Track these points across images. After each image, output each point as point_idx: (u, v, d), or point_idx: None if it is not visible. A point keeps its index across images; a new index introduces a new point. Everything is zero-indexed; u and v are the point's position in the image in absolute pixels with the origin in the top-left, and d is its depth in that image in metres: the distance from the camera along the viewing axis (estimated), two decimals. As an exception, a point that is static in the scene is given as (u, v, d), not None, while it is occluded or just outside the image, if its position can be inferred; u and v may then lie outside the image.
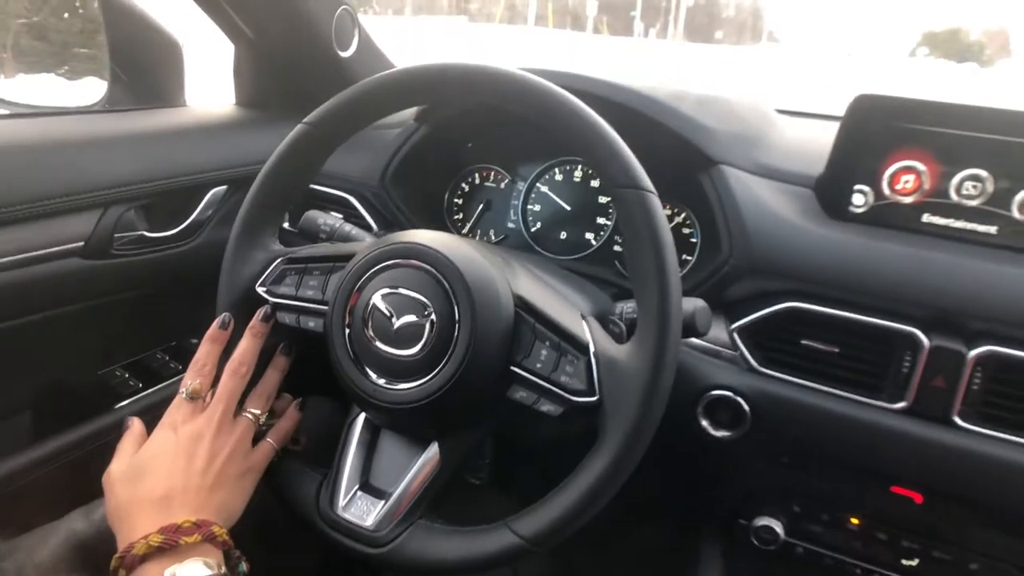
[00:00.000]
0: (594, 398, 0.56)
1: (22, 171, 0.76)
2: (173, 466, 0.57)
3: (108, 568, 0.54)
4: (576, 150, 0.59)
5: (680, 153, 0.82)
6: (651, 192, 0.56)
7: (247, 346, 0.66)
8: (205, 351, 0.65)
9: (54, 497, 0.59)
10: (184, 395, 0.62)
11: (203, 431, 0.60)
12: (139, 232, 0.87)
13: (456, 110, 0.94)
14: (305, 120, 0.68)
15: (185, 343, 1.00)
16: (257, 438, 0.65)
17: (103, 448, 0.86)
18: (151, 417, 0.90)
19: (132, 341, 0.93)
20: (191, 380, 0.62)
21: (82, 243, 0.81)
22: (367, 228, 0.95)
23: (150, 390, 0.93)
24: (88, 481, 0.61)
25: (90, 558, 0.54)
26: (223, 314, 0.67)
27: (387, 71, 0.65)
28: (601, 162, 0.57)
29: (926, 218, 0.75)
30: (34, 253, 0.76)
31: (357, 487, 0.64)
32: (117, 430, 0.86)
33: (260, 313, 0.67)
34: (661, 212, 0.56)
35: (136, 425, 0.64)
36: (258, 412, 0.65)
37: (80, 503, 0.65)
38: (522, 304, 0.59)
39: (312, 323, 0.66)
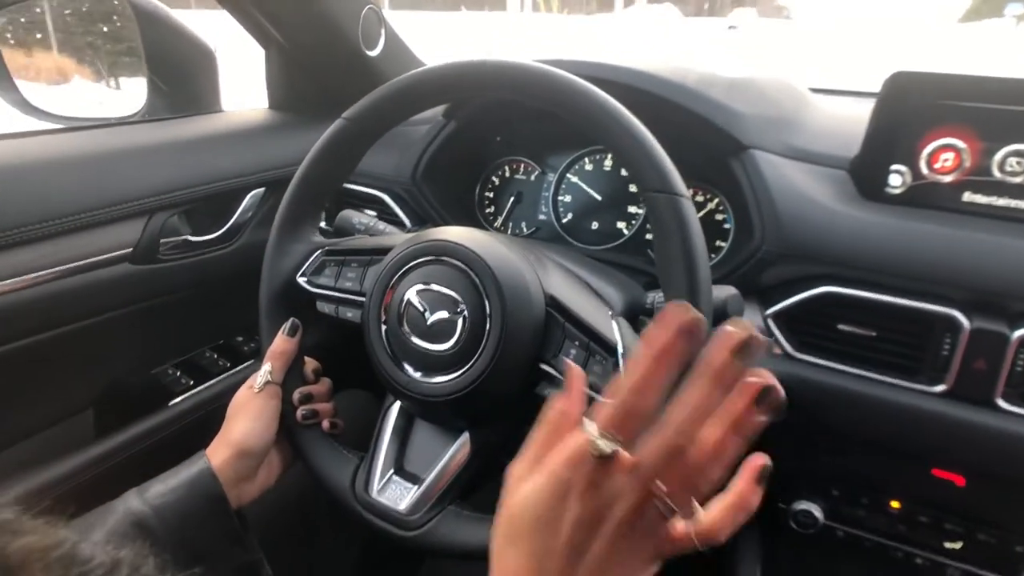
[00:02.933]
0: None
1: (70, 183, 0.80)
2: (548, 551, 0.39)
3: (163, 543, 0.57)
4: (609, 148, 0.60)
5: (710, 139, 0.81)
6: (684, 197, 0.56)
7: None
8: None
9: (115, 491, 0.63)
10: (594, 452, 0.38)
11: (602, 516, 0.38)
12: (183, 237, 0.91)
13: (484, 104, 0.94)
14: (344, 115, 0.69)
15: (232, 341, 1.04)
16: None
17: (159, 444, 0.90)
18: (202, 413, 0.96)
19: (182, 341, 0.97)
20: (609, 429, 0.38)
21: (131, 249, 0.84)
22: (401, 225, 0.97)
23: (201, 387, 0.97)
24: (144, 474, 0.64)
25: (146, 534, 0.57)
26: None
27: (424, 68, 0.66)
28: (633, 163, 0.58)
29: (967, 197, 0.73)
30: (86, 261, 0.79)
31: (392, 472, 0.67)
32: (172, 426, 0.92)
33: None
34: (695, 219, 0.56)
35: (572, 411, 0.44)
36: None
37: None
38: (553, 303, 0.60)
39: (350, 314, 0.69)
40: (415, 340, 0.61)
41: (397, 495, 0.65)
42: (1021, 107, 0.69)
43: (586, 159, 0.99)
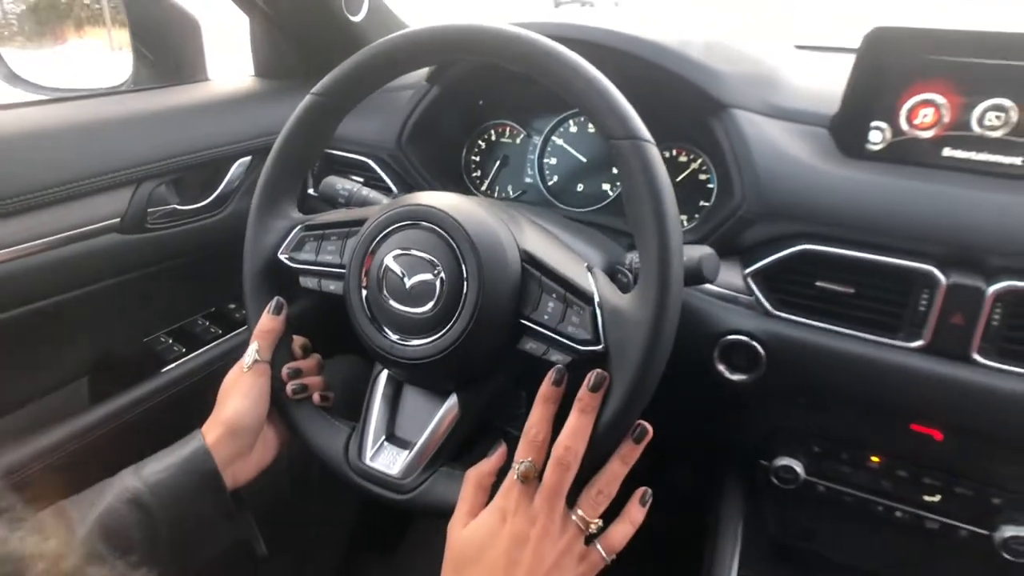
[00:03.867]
0: (599, 347, 0.57)
1: (57, 154, 0.81)
2: (493, 568, 0.54)
3: (160, 520, 0.59)
4: (572, 102, 0.59)
5: (691, 99, 0.81)
6: (647, 141, 0.56)
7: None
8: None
9: (112, 457, 0.64)
10: (516, 475, 0.56)
11: (527, 535, 0.54)
12: (171, 206, 0.92)
13: (466, 68, 0.94)
14: (312, 91, 0.70)
15: (223, 308, 1.05)
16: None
17: (153, 409, 0.92)
18: (195, 380, 0.97)
19: (173, 309, 0.99)
20: (523, 458, 0.56)
21: (119, 219, 0.85)
22: (387, 191, 0.97)
23: (193, 354, 0.98)
24: (139, 440, 0.66)
25: (142, 511, 0.59)
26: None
27: (383, 39, 0.66)
28: (596, 113, 0.57)
29: (946, 152, 0.72)
30: (74, 231, 0.80)
31: (383, 438, 0.68)
32: (164, 392, 0.94)
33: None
34: (659, 162, 0.56)
35: (487, 471, 0.60)
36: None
37: (134, 461, 0.70)
38: (528, 259, 0.61)
39: (332, 286, 0.69)
40: (395, 305, 0.62)
41: (390, 460, 0.66)
42: (1000, 60, 0.68)
43: (570, 121, 0.98)
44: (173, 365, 0.96)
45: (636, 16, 0.93)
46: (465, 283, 0.59)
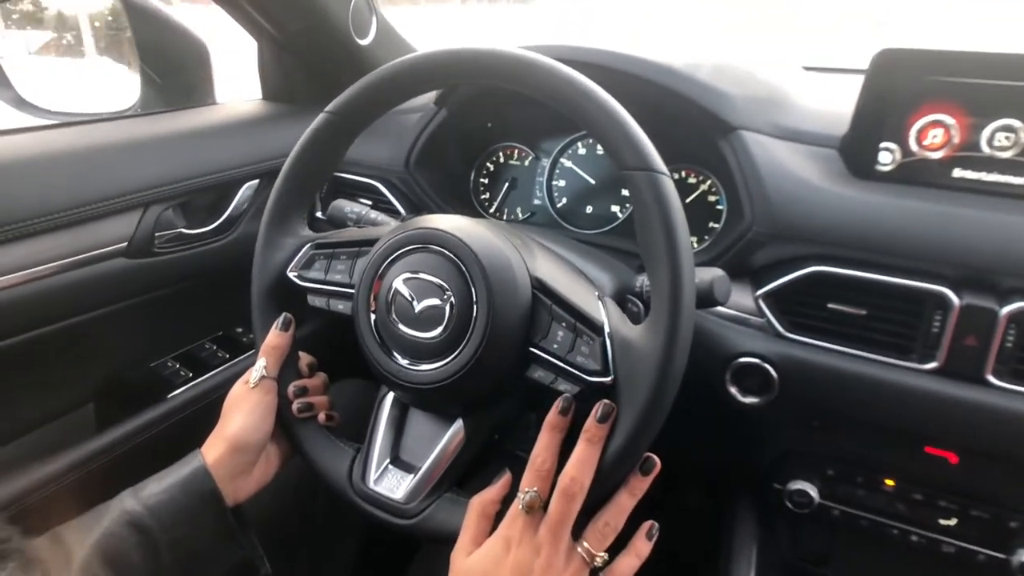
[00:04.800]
0: (608, 378, 0.56)
1: (64, 179, 0.81)
2: None
3: (161, 542, 0.59)
4: (586, 130, 0.59)
5: (700, 121, 0.81)
6: (662, 174, 0.55)
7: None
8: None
9: (118, 484, 0.63)
10: (521, 506, 0.55)
11: (531, 565, 0.53)
12: (178, 229, 0.91)
13: (474, 91, 0.94)
14: (326, 109, 0.70)
15: (231, 332, 1.05)
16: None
17: (160, 435, 0.91)
18: (202, 405, 0.97)
19: (180, 333, 0.98)
20: (528, 487, 0.55)
21: (126, 243, 0.85)
22: (395, 214, 0.97)
23: (200, 379, 0.98)
24: (145, 466, 0.65)
25: (142, 534, 0.58)
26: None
27: (398, 59, 0.66)
28: (611, 143, 0.57)
29: (957, 173, 0.73)
30: (81, 256, 0.80)
31: (388, 461, 0.67)
32: (172, 417, 0.93)
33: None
34: (674, 195, 0.56)
35: (491, 499, 0.59)
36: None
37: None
38: (539, 286, 0.60)
39: (341, 306, 0.69)
40: (404, 329, 0.61)
41: (394, 484, 0.65)
42: (1008, 81, 0.68)
43: (579, 143, 0.99)
44: (180, 390, 0.95)
45: (648, 37, 0.93)
46: (475, 308, 0.58)
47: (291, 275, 0.71)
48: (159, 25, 0.99)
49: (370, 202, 0.99)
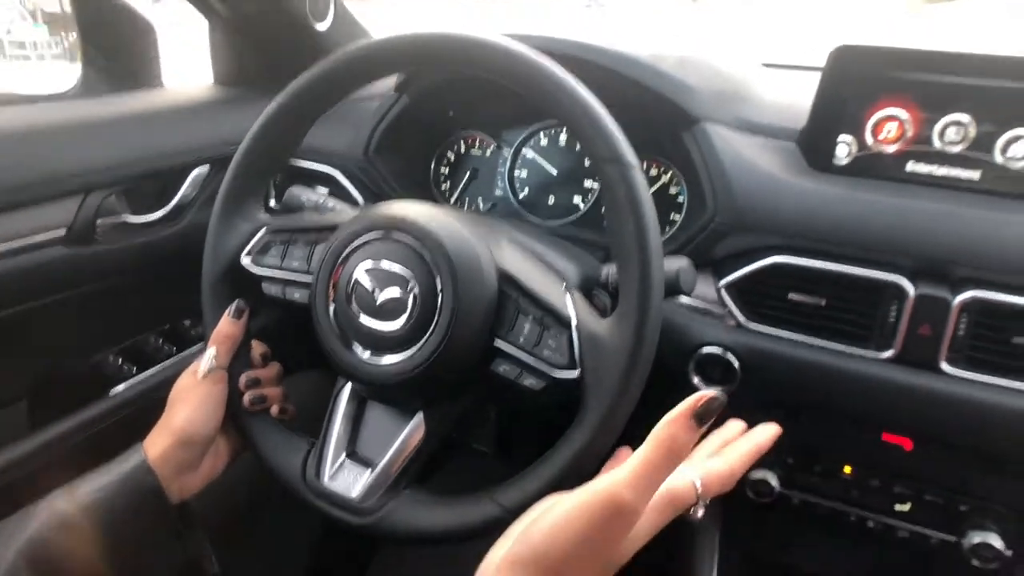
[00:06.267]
0: (575, 373, 0.56)
1: (-3, 161, 0.75)
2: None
3: (95, 543, 0.55)
4: (560, 120, 0.59)
5: (663, 113, 0.81)
6: (634, 167, 0.55)
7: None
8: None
9: (54, 485, 0.59)
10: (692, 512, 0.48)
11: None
12: (122, 217, 0.87)
13: (436, 78, 0.92)
14: (282, 93, 0.67)
15: (178, 325, 1.00)
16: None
17: (100, 434, 0.86)
18: (147, 401, 0.92)
19: (124, 326, 0.93)
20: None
21: (64, 231, 0.80)
22: (353, 203, 0.94)
23: (144, 374, 0.93)
24: (86, 467, 0.61)
25: (76, 537, 0.55)
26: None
27: (359, 43, 0.64)
28: (584, 134, 0.57)
29: (910, 166, 0.74)
30: (16, 244, 0.75)
31: (344, 456, 0.65)
32: (113, 415, 0.88)
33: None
34: (645, 188, 0.55)
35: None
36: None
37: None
38: (506, 278, 0.59)
39: (297, 295, 0.66)
40: (364, 319, 0.59)
41: (350, 481, 0.63)
42: (958, 78, 0.71)
43: (541, 133, 0.98)
44: (123, 385, 0.90)
45: (613, 28, 0.93)
46: (439, 300, 0.57)
47: (245, 261, 0.68)
48: (102, 3, 0.94)
49: (327, 191, 0.96)
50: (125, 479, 0.59)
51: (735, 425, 0.61)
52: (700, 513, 0.49)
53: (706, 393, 0.41)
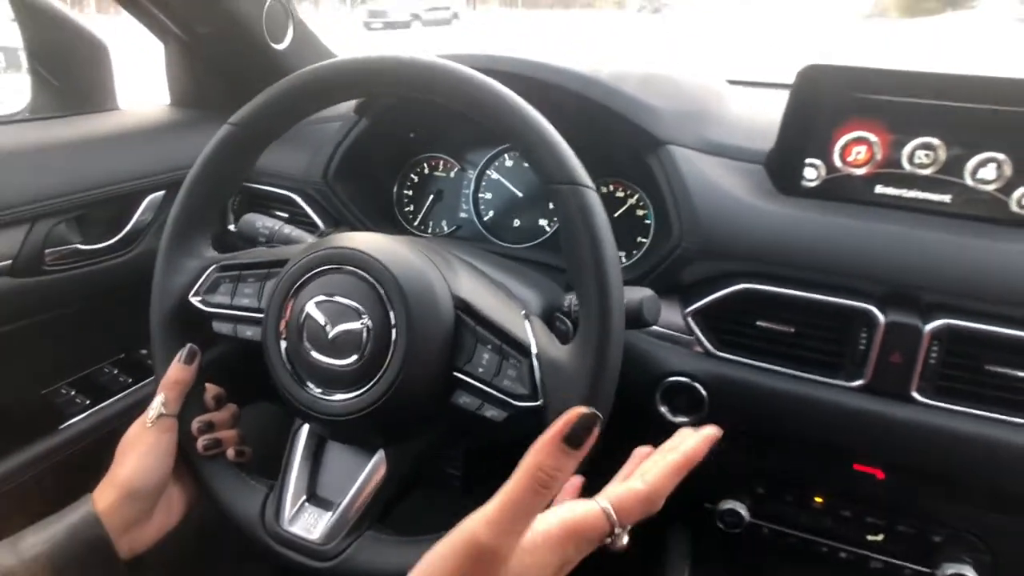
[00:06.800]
0: (538, 402, 0.54)
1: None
2: None
3: None
4: (509, 143, 0.57)
5: (627, 135, 0.79)
6: (587, 187, 0.54)
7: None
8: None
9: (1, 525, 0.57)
10: (609, 542, 0.42)
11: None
12: (73, 245, 0.84)
13: (396, 100, 0.90)
14: (230, 120, 0.65)
15: (135, 355, 0.97)
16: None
17: (51, 471, 0.83)
18: (104, 434, 0.89)
19: (77, 357, 0.90)
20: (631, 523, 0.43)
21: (10, 261, 0.77)
22: (313, 228, 0.92)
23: (99, 406, 0.90)
24: (33, 508, 0.59)
25: None
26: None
27: (307, 68, 0.62)
28: (534, 155, 0.55)
29: (879, 189, 0.73)
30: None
31: (304, 499, 0.63)
32: (65, 450, 0.85)
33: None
34: (599, 208, 0.54)
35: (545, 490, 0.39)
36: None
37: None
38: (462, 306, 0.57)
39: (250, 332, 0.64)
40: (317, 356, 0.57)
41: (310, 523, 0.61)
42: (928, 100, 0.69)
43: (506, 155, 0.96)
44: (75, 419, 0.87)
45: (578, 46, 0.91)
46: (393, 332, 0.55)
47: (194, 300, 0.66)
48: (51, 22, 0.91)
49: (286, 215, 0.94)
50: (72, 530, 0.56)
51: (669, 443, 0.53)
52: (622, 542, 0.42)
53: (577, 410, 0.37)
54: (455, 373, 0.57)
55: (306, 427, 0.65)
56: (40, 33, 0.91)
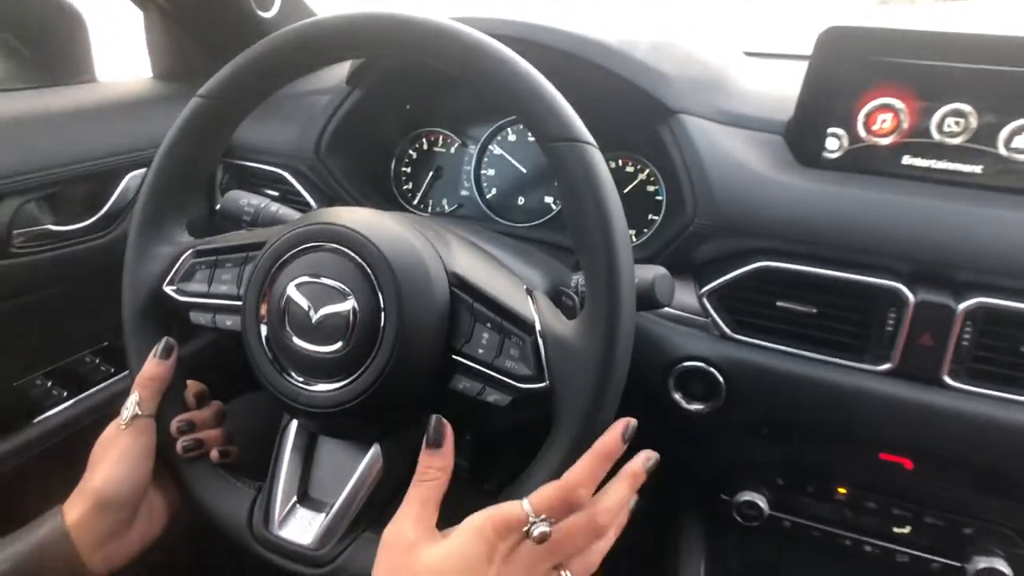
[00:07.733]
0: (543, 384, 0.50)
1: None
2: None
3: None
4: (504, 104, 0.52)
5: (637, 103, 0.75)
6: (588, 143, 0.49)
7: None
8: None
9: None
10: (535, 533, 0.45)
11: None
12: (44, 226, 0.79)
13: (390, 69, 0.85)
14: (199, 92, 0.60)
15: (117, 344, 0.92)
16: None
17: (24, 467, 0.78)
18: (83, 427, 0.84)
19: (53, 345, 0.85)
20: (551, 515, 0.46)
21: (-27, 242, 0.72)
22: (305, 207, 0.87)
23: (77, 398, 0.85)
24: (6, 509, 0.54)
25: None
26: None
27: (281, 30, 0.57)
28: (530, 114, 0.50)
29: (906, 160, 0.69)
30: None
31: (295, 500, 0.59)
32: (39, 445, 0.80)
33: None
34: (603, 166, 0.49)
35: (434, 482, 0.49)
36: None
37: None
38: (458, 282, 0.53)
39: (229, 321, 0.60)
40: (299, 342, 0.52)
41: (302, 527, 0.57)
42: (960, 63, 0.65)
43: (509, 129, 0.91)
44: (51, 412, 0.82)
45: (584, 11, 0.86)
46: (382, 315, 0.50)
47: (168, 290, 0.61)
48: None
49: (276, 194, 0.89)
50: (38, 546, 0.52)
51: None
52: (538, 532, 0.45)
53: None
54: (452, 356, 0.53)
55: (295, 423, 0.61)
56: (7, 0, 0.85)
